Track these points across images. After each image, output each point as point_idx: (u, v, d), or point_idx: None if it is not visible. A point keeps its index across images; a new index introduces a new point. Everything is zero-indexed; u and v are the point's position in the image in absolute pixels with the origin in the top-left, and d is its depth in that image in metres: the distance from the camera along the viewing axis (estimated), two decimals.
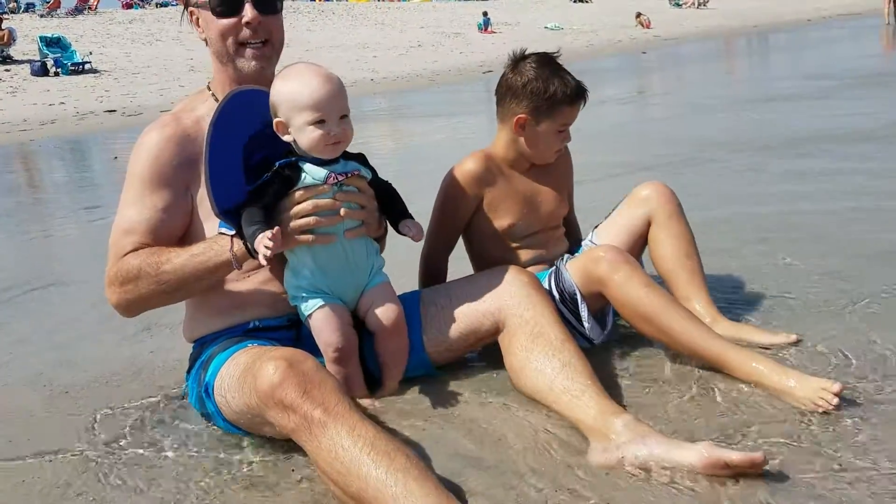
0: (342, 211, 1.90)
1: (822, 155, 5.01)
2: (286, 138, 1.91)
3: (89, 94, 14.46)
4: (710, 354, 2.03)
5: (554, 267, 2.32)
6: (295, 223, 1.88)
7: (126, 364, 2.58)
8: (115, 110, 12.71)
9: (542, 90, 2.26)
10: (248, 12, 2.01)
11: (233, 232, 1.90)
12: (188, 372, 2.13)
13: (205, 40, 2.08)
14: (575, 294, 2.20)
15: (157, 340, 2.76)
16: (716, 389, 2.00)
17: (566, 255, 2.40)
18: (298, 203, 1.88)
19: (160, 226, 1.99)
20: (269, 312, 2.06)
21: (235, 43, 2.02)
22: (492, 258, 2.35)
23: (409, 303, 2.14)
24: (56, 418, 2.22)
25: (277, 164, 1.89)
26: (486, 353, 2.36)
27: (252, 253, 1.84)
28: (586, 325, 2.21)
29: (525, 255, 2.40)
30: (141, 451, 1.98)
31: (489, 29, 26.58)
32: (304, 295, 1.96)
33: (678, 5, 36.81)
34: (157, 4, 30.35)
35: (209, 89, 2.14)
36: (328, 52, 19.67)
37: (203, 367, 2.00)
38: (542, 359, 1.96)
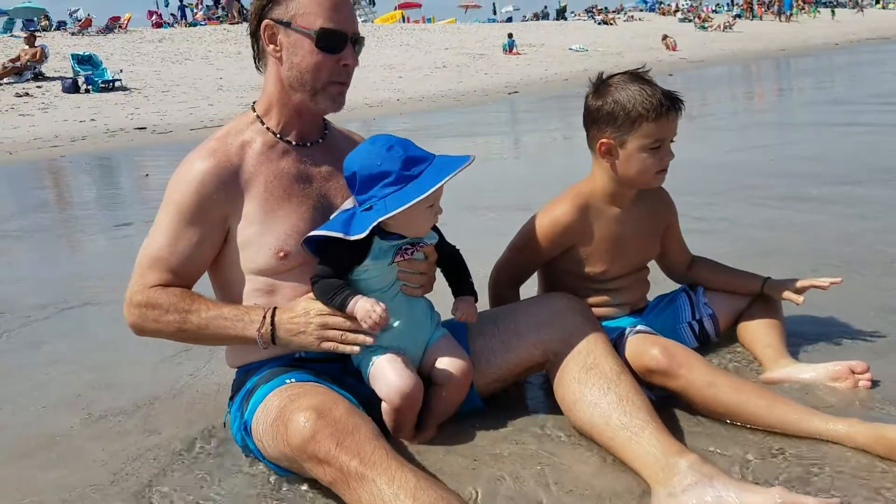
0: (398, 275, 1.92)
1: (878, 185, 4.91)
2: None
3: (120, 112, 14.63)
4: (811, 434, 1.85)
5: (624, 330, 2.16)
6: (322, 333, 1.87)
7: (166, 387, 2.53)
8: (145, 128, 12.84)
9: (620, 108, 2.10)
10: (349, 55, 1.97)
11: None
12: (230, 399, 2.07)
13: (278, 58, 1.99)
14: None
15: (195, 363, 2.72)
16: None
17: (636, 327, 2.16)
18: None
19: (191, 260, 1.96)
20: (287, 352, 2.00)
21: (328, 79, 1.98)
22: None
23: (455, 331, 2.07)
24: (96, 445, 2.17)
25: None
26: (535, 383, 2.30)
27: (274, 339, 1.88)
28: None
29: (605, 297, 2.29)
30: (182, 486, 1.91)
31: (514, 50, 26.65)
32: (366, 353, 1.91)
33: (704, 28, 36.79)
34: (186, 24, 30.73)
35: (254, 110, 2.08)
36: (354, 73, 19.77)
37: (246, 398, 1.95)
38: (597, 392, 1.88)
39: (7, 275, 4.44)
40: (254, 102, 2.11)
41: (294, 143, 2.05)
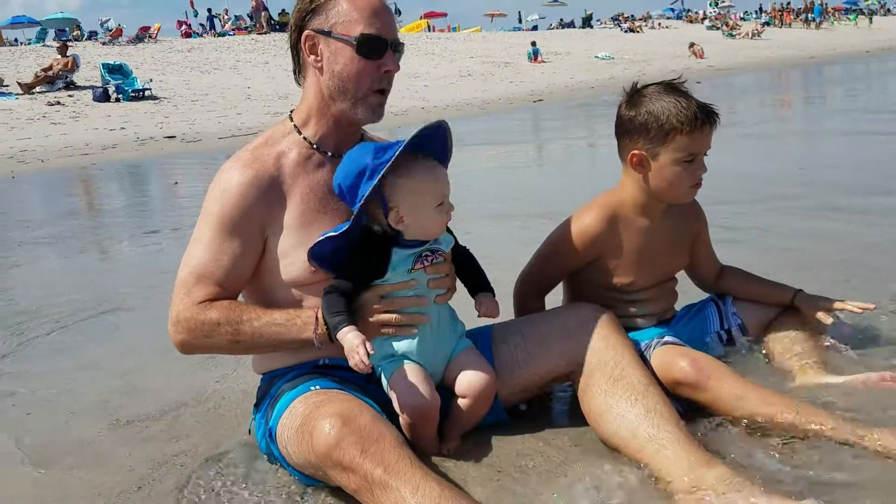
0: (430, 283, 1.89)
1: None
2: (400, 227, 1.87)
3: (149, 120, 14.82)
4: (843, 439, 1.83)
5: (646, 343, 2.14)
6: (378, 318, 1.86)
7: (192, 394, 2.55)
8: (174, 136, 12.99)
9: (654, 119, 2.06)
10: (390, 61, 1.96)
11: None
12: (256, 406, 2.08)
13: (319, 68, 1.98)
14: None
15: (221, 369, 2.74)
16: (813, 441, 1.86)
17: (663, 337, 2.15)
18: (383, 298, 1.86)
19: (235, 272, 1.94)
20: (339, 352, 1.95)
21: (369, 87, 1.97)
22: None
23: (480, 340, 2.07)
24: (123, 451, 2.19)
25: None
26: (561, 394, 2.27)
27: (331, 337, 1.84)
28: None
29: (631, 308, 2.26)
30: (207, 492, 1.92)
31: (539, 58, 26.63)
32: (388, 363, 1.91)
33: (732, 36, 36.51)
34: (215, 34, 31.06)
35: (291, 120, 2.08)
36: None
37: (271, 404, 1.95)
38: (624, 404, 1.86)
39: (37, 281, 4.50)
40: (291, 111, 2.10)
41: (330, 154, 2.04)
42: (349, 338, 1.77)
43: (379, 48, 1.94)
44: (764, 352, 2.36)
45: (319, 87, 2.00)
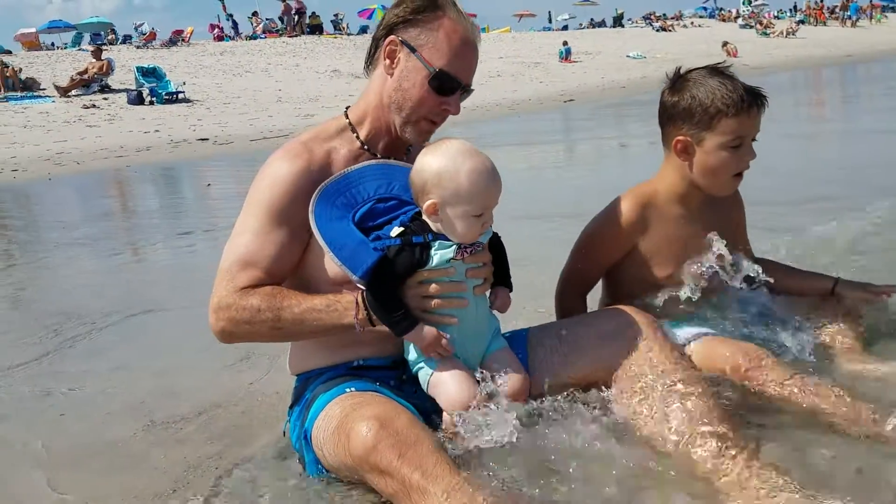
0: (468, 273, 1.86)
1: None
2: (432, 219, 1.85)
3: (182, 123, 14.99)
4: (891, 439, 1.78)
5: (686, 337, 2.11)
6: (418, 304, 1.84)
7: (226, 395, 2.55)
8: (207, 139, 13.11)
9: (698, 103, 2.02)
10: (454, 103, 1.97)
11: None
12: (290, 407, 2.07)
13: (390, 74, 1.98)
14: None
15: (256, 371, 2.73)
16: (854, 438, 1.81)
17: (702, 330, 2.12)
18: (422, 284, 1.84)
19: (280, 261, 1.93)
20: (374, 352, 1.98)
21: (424, 115, 1.97)
22: (629, 302, 2.15)
23: (515, 342, 2.03)
24: (158, 452, 2.19)
25: (414, 239, 1.83)
26: (598, 395, 2.23)
27: (371, 322, 1.83)
28: None
29: (671, 303, 2.20)
30: (242, 495, 1.92)
31: (570, 58, 26.49)
32: (426, 361, 1.88)
33: (766, 34, 36.01)
34: (247, 37, 31.35)
35: (346, 117, 2.07)
36: None
37: (306, 406, 1.94)
38: (664, 405, 1.82)
39: (73, 282, 4.56)
40: (347, 108, 2.09)
41: (379, 155, 2.04)
42: (425, 334, 1.81)
43: (451, 88, 1.95)
44: (808, 341, 2.30)
45: (382, 90, 1.99)
